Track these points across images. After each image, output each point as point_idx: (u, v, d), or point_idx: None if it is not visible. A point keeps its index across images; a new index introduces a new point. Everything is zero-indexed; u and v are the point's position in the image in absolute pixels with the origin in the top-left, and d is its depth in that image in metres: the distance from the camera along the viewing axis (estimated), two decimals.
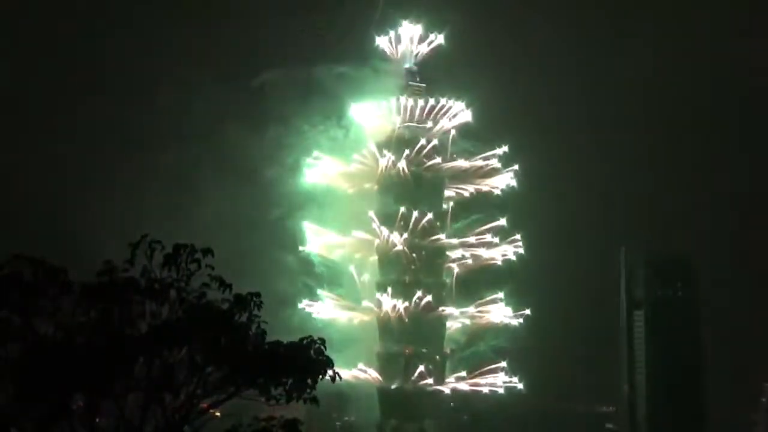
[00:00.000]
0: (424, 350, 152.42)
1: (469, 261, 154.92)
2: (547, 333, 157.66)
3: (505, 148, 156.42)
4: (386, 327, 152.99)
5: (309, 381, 21.78)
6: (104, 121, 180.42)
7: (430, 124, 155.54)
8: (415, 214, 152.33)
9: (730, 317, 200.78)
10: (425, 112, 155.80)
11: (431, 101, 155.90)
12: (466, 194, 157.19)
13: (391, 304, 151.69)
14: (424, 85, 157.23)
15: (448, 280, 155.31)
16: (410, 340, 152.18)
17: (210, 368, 21.89)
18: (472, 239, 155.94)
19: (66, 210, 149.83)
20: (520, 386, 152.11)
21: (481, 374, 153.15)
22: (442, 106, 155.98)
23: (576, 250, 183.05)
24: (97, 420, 21.95)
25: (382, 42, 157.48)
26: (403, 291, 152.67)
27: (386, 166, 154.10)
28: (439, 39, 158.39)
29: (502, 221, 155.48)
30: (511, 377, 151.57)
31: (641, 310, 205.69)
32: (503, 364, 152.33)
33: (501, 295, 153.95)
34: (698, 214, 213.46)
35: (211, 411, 23.16)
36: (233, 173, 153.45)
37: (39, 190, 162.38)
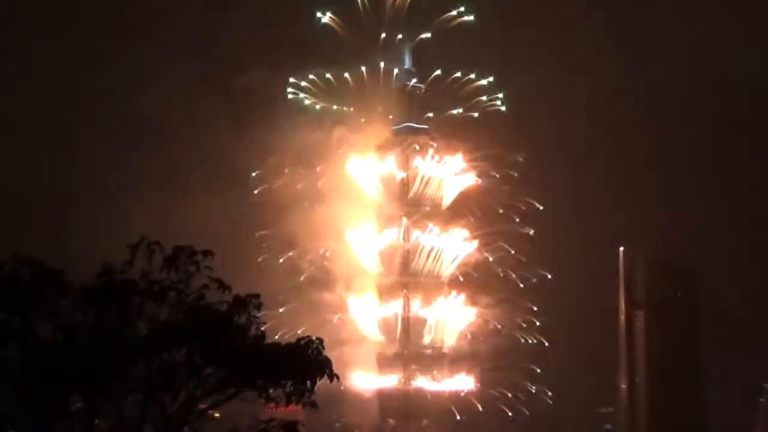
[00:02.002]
0: (422, 351, 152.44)
1: (470, 261, 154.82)
2: (546, 333, 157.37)
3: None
4: (385, 328, 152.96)
5: (308, 383, 21.80)
6: (100, 122, 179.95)
7: (429, 126, 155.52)
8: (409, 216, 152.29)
9: (730, 317, 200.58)
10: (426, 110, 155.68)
11: (429, 101, 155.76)
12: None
13: (389, 304, 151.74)
14: (422, 86, 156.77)
15: (447, 281, 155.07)
16: (409, 341, 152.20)
17: (209, 369, 21.93)
18: (472, 240, 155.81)
19: (65, 211, 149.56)
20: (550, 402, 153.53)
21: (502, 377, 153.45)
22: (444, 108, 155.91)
23: (576, 250, 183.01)
24: (96, 421, 21.98)
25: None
26: (401, 292, 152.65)
27: (382, 168, 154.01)
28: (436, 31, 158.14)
29: (508, 224, 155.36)
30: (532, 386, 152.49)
31: (641, 310, 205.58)
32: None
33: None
34: (698, 214, 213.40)
35: (210, 412, 23.22)
36: (220, 176, 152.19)
37: (38, 191, 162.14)
